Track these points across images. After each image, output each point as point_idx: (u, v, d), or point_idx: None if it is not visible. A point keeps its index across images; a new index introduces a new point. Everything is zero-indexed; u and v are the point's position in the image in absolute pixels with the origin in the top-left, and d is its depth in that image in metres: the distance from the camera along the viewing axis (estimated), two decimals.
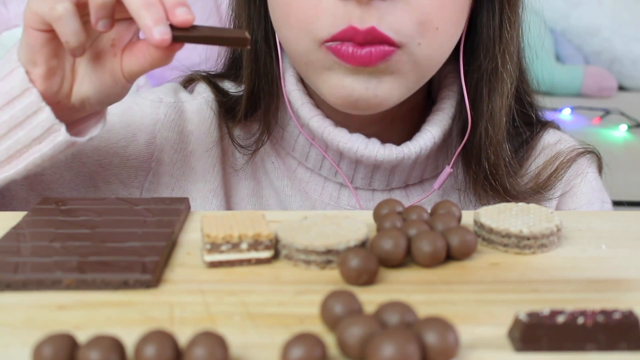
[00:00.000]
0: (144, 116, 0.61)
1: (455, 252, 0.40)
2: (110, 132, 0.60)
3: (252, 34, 0.60)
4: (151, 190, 0.61)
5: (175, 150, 0.61)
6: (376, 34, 0.50)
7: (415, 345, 0.28)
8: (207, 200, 0.61)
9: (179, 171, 0.62)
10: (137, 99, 0.63)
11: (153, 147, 0.61)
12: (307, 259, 0.39)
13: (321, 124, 0.58)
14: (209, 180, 0.61)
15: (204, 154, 0.62)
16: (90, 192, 0.60)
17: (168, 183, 0.62)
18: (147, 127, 0.61)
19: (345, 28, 0.50)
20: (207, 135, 0.62)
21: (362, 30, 0.50)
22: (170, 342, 0.29)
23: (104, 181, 0.60)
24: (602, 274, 0.40)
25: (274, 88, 0.61)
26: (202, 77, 0.65)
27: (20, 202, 0.58)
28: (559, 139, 0.65)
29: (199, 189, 0.61)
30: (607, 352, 0.31)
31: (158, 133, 0.61)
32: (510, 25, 0.57)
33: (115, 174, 0.60)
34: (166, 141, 0.61)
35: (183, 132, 0.62)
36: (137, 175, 0.61)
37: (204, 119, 0.62)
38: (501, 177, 0.59)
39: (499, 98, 0.58)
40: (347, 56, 0.51)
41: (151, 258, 0.39)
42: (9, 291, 0.37)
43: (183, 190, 0.62)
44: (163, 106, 0.62)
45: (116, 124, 0.61)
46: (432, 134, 0.58)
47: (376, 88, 0.52)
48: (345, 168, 0.60)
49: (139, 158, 0.61)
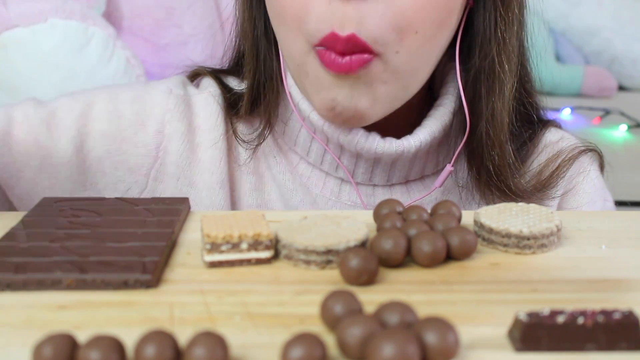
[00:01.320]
0: (154, 105, 0.62)
1: (455, 252, 0.40)
2: (120, 119, 0.61)
3: (253, 29, 0.61)
4: (157, 179, 0.62)
5: (182, 141, 0.62)
6: (356, 42, 0.50)
7: (415, 345, 0.28)
8: (213, 191, 0.62)
9: (186, 162, 0.62)
10: (147, 88, 0.64)
11: (162, 137, 0.62)
12: (307, 259, 0.39)
13: (321, 117, 0.58)
14: (215, 172, 0.62)
15: (211, 147, 0.62)
16: (98, 177, 0.61)
17: (174, 173, 0.62)
18: (156, 116, 0.62)
19: (328, 34, 0.51)
20: (214, 129, 0.62)
21: (343, 37, 0.50)
22: (170, 342, 0.29)
23: (112, 167, 0.61)
24: (602, 274, 0.40)
25: (275, 83, 0.61)
26: (208, 72, 0.66)
27: (28, 182, 0.59)
28: (561, 137, 0.65)
29: (205, 181, 0.62)
30: (607, 352, 0.31)
31: (167, 123, 0.62)
32: (505, 25, 0.57)
33: (123, 161, 0.61)
34: (174, 131, 0.62)
35: (191, 124, 0.63)
36: (144, 163, 0.61)
37: (211, 113, 0.63)
38: (505, 177, 0.59)
39: (498, 98, 0.58)
40: (330, 63, 0.51)
41: (151, 258, 0.39)
42: (9, 291, 0.37)
43: (189, 180, 0.62)
44: (173, 97, 0.63)
45: (127, 111, 0.61)
46: (432, 128, 0.59)
47: (358, 101, 0.53)
48: (346, 162, 0.60)
49: (147, 146, 0.61)
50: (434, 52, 0.56)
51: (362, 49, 0.51)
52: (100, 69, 1.17)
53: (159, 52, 1.33)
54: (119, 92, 0.63)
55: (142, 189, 0.62)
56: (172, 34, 1.33)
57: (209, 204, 0.61)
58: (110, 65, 1.18)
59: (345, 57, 0.51)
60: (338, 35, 0.50)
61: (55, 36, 1.14)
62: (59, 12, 1.15)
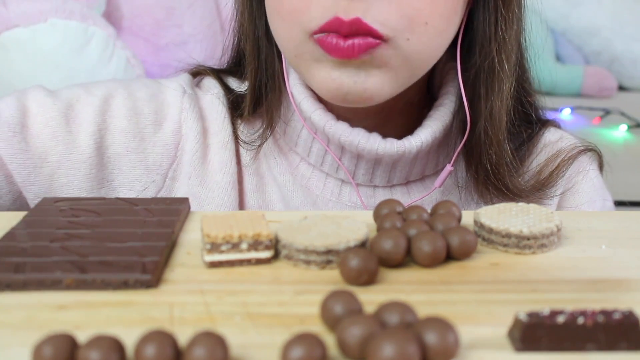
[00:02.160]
0: (170, 105, 0.62)
1: (455, 252, 0.40)
2: (139, 116, 0.60)
3: (254, 29, 0.60)
4: (174, 179, 0.61)
5: (197, 141, 0.62)
6: (360, 25, 0.50)
7: (415, 345, 0.28)
8: (225, 191, 0.61)
9: (198, 162, 0.62)
10: (161, 87, 0.63)
11: (179, 136, 0.61)
12: (307, 259, 0.39)
13: (322, 118, 0.58)
14: (227, 172, 0.62)
15: (221, 148, 0.62)
16: (115, 174, 0.60)
17: (188, 173, 0.62)
18: (173, 115, 0.62)
19: (331, 19, 0.50)
20: (222, 130, 0.62)
21: (347, 21, 0.50)
22: (170, 342, 0.29)
23: (130, 165, 0.60)
24: (602, 274, 0.40)
25: (277, 83, 0.61)
26: (210, 71, 0.66)
27: (46, 179, 0.58)
28: (560, 136, 0.65)
29: (217, 181, 0.61)
30: (607, 352, 0.31)
31: (184, 122, 0.62)
32: (505, 24, 0.57)
33: (141, 159, 0.60)
34: (190, 131, 0.62)
35: (203, 124, 0.62)
36: (162, 162, 0.61)
37: (218, 114, 0.63)
38: (503, 176, 0.59)
39: (497, 97, 0.58)
40: (331, 48, 0.51)
41: (151, 258, 0.39)
42: (9, 291, 0.37)
43: (200, 180, 0.62)
44: (187, 97, 0.62)
45: (145, 109, 0.61)
46: (433, 128, 0.59)
47: (365, 81, 0.52)
48: (347, 163, 0.60)
49: (166, 146, 0.61)
50: (441, 47, 0.56)
51: (367, 32, 0.50)
52: (100, 69, 1.17)
53: (159, 52, 1.33)
54: (135, 88, 0.62)
55: (159, 188, 0.61)
56: (172, 34, 1.33)
57: (220, 204, 0.61)
58: (110, 65, 1.18)
59: (348, 40, 0.50)
60: (342, 19, 0.50)
61: (55, 36, 1.14)
62: (59, 12, 1.15)
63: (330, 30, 0.50)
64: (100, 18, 1.22)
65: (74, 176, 0.58)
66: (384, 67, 0.52)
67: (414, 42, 0.52)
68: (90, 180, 0.59)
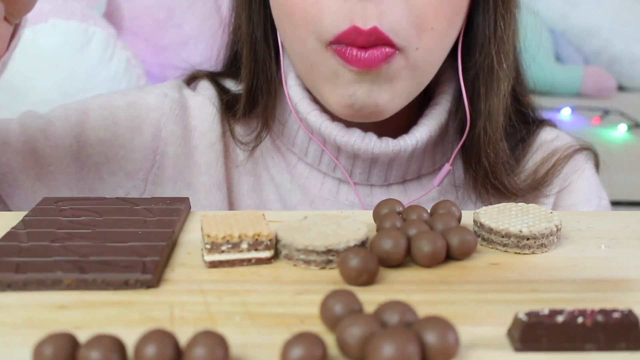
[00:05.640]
0: (150, 110, 0.62)
1: (455, 252, 0.40)
2: (116, 125, 0.61)
3: (251, 33, 0.60)
4: (155, 183, 0.62)
5: (179, 144, 0.62)
6: (379, 35, 0.50)
7: (415, 345, 0.29)
8: (210, 193, 0.62)
9: (183, 164, 0.62)
10: (142, 93, 0.64)
11: (158, 140, 0.62)
12: (307, 258, 0.40)
13: (318, 118, 0.58)
14: (212, 174, 0.62)
15: (207, 149, 0.62)
16: (96, 183, 0.61)
17: (172, 176, 0.62)
18: (152, 120, 0.62)
19: (348, 28, 0.50)
20: (210, 131, 0.63)
21: (366, 30, 0.50)
22: (170, 342, 0.29)
23: (110, 172, 0.61)
24: (602, 274, 0.40)
25: (273, 85, 0.61)
26: (204, 74, 0.66)
27: (26, 191, 0.59)
28: (556, 136, 0.65)
29: (203, 183, 0.62)
30: (606, 352, 0.31)
31: (163, 127, 0.62)
32: (504, 24, 0.57)
33: (120, 166, 0.61)
34: (171, 135, 0.62)
35: (187, 127, 0.63)
36: (142, 167, 0.62)
37: (207, 115, 0.63)
38: (500, 175, 0.59)
39: (496, 97, 0.58)
40: (352, 59, 0.51)
41: (151, 258, 0.39)
42: (9, 291, 0.37)
43: (186, 183, 0.62)
44: (168, 100, 0.63)
45: (122, 117, 0.61)
46: (429, 127, 0.59)
47: (377, 96, 0.53)
48: (344, 163, 0.60)
49: (144, 150, 0.61)
50: (445, 50, 0.56)
51: (385, 42, 0.51)
52: (101, 69, 1.17)
53: (159, 52, 1.33)
54: (114, 99, 0.63)
55: (140, 193, 0.62)
56: (172, 34, 1.34)
57: (207, 206, 0.61)
58: (111, 66, 1.18)
59: (367, 51, 0.51)
60: (360, 29, 0.50)
61: (55, 36, 1.14)
62: (59, 13, 1.15)
63: (347, 40, 0.51)
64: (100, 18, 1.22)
65: (53, 187, 0.59)
66: (395, 79, 0.53)
67: (422, 50, 0.53)
68: (70, 190, 0.60)
